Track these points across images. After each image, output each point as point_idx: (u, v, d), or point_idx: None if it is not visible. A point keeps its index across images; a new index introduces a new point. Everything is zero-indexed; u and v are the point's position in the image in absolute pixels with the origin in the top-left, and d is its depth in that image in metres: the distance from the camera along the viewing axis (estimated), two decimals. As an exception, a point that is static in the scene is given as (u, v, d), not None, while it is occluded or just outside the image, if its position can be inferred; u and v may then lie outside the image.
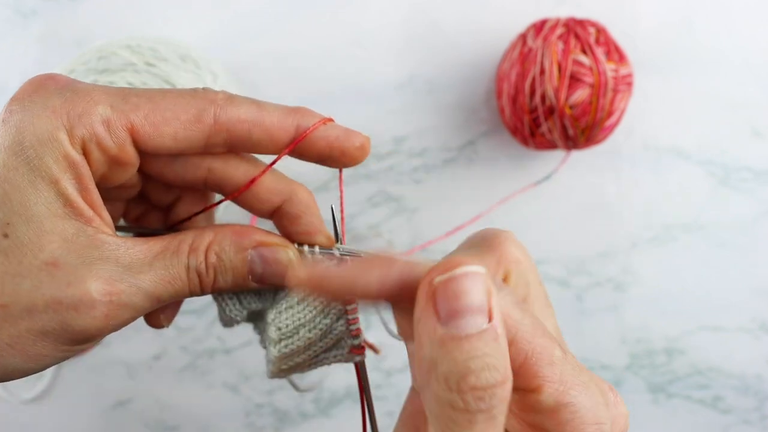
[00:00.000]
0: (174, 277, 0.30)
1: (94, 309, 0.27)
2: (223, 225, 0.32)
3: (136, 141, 0.29)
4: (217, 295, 0.33)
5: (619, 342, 0.62)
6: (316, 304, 0.33)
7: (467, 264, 0.24)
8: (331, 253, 0.33)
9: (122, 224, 0.36)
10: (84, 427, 0.63)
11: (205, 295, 0.32)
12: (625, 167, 0.60)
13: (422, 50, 0.60)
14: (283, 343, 0.32)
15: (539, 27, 0.53)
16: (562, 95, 0.51)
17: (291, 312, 0.32)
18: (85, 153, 0.28)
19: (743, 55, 0.59)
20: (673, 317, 0.62)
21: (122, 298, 0.28)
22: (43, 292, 0.27)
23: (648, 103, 0.59)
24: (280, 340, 0.32)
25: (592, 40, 0.51)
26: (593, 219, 0.61)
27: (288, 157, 0.32)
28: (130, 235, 0.35)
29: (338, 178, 0.34)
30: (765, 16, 0.59)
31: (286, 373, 0.34)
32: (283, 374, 0.34)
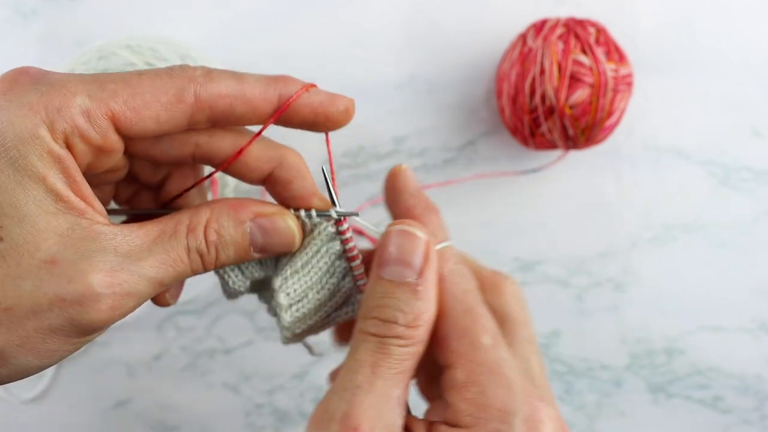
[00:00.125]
0: (175, 259, 0.29)
1: (98, 302, 0.27)
2: (217, 200, 0.32)
3: (118, 128, 0.28)
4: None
5: (619, 342, 0.62)
6: (321, 265, 0.33)
7: (414, 226, 0.30)
8: (328, 215, 0.33)
9: (114, 207, 0.35)
10: (84, 427, 0.63)
11: (208, 272, 0.32)
12: (625, 167, 0.60)
13: (422, 50, 0.60)
14: (294, 307, 0.32)
15: (539, 27, 0.53)
16: (562, 95, 0.51)
17: (297, 276, 0.32)
18: (69, 146, 0.27)
19: (743, 55, 0.59)
20: (673, 317, 0.62)
21: (125, 288, 0.28)
22: (45, 291, 0.26)
23: (648, 103, 0.59)
24: (290, 306, 0.32)
25: (592, 40, 0.51)
26: (593, 219, 0.61)
27: (274, 126, 0.31)
28: (123, 218, 0.35)
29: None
30: (765, 16, 0.59)
31: (300, 337, 0.34)
32: (297, 339, 0.34)
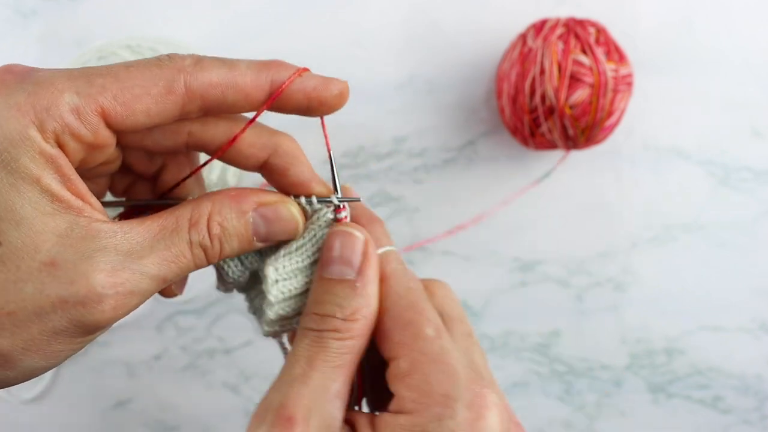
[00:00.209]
0: (177, 255, 0.29)
1: (101, 303, 0.27)
2: (217, 192, 0.31)
3: (109, 123, 0.28)
4: None
5: (619, 342, 0.62)
6: (315, 249, 0.32)
7: (353, 227, 0.31)
8: (330, 201, 0.32)
9: (110, 199, 0.35)
10: (84, 427, 0.63)
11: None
12: (625, 167, 0.60)
13: (422, 50, 0.60)
14: (281, 284, 0.32)
15: (539, 27, 0.53)
16: (562, 95, 0.51)
17: (290, 257, 0.32)
18: (60, 144, 0.27)
19: (743, 55, 0.59)
20: (673, 317, 0.62)
21: (128, 287, 0.27)
22: (47, 294, 0.26)
23: (648, 103, 0.59)
24: (276, 281, 0.32)
25: (592, 40, 0.51)
26: (593, 219, 0.61)
27: (269, 114, 0.31)
28: (120, 210, 0.34)
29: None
30: (765, 16, 0.59)
31: (284, 324, 0.33)
32: (280, 325, 0.33)
